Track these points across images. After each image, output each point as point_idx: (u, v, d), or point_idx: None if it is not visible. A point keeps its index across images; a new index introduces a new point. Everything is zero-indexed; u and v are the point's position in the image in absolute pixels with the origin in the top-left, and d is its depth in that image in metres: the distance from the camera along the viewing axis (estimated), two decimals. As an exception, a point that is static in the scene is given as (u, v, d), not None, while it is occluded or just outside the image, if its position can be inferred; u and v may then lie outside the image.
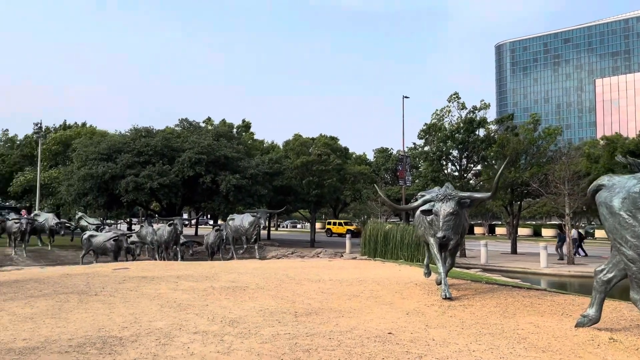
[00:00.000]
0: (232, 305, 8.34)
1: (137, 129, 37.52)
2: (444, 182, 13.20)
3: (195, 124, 41.77)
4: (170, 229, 22.26)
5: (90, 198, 33.33)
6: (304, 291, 9.96)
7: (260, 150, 46.19)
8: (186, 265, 14.60)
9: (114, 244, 22.34)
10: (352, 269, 14.61)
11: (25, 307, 7.60)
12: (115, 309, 7.75)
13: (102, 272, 11.98)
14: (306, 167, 39.58)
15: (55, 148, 46.75)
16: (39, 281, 10.12)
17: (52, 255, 29.19)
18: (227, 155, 35.30)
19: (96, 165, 32.78)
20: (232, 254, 23.15)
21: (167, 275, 11.66)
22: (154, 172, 32.34)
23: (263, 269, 13.76)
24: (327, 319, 7.50)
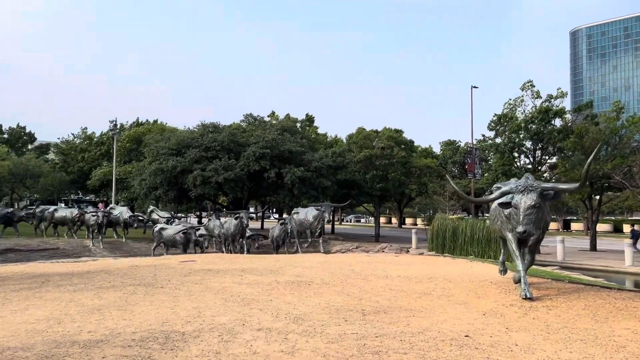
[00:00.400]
0: (297, 300, 8.04)
1: (205, 124, 38.35)
2: (516, 175, 12.37)
3: (260, 119, 42.19)
4: (236, 222, 22.44)
5: (160, 192, 34.43)
6: (371, 288, 9.52)
7: (323, 144, 46.02)
8: (251, 258, 14.54)
9: (183, 236, 22.85)
10: (420, 265, 14.00)
11: (94, 299, 7.66)
12: (180, 302, 7.66)
13: (169, 264, 12.09)
14: (370, 160, 38.98)
15: (129, 145, 48.78)
16: (109, 272, 10.31)
17: (126, 247, 30.32)
18: (291, 149, 35.36)
19: (166, 160, 33.78)
20: (297, 247, 23.03)
21: (232, 268, 11.59)
22: (220, 166, 32.91)
23: (328, 263, 13.44)
24: (397, 319, 7.03)
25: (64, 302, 7.38)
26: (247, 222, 22.08)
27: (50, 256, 26.98)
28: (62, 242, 28.88)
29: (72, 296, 7.79)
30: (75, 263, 13.04)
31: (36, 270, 10.73)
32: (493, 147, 37.81)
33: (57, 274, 10.05)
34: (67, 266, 11.63)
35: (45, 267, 11.58)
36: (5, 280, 9.23)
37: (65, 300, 7.49)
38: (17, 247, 26.34)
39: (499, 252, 21.74)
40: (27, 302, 7.38)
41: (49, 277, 9.54)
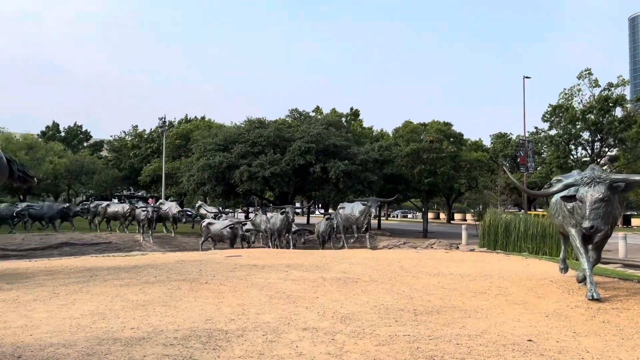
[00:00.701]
0: (344, 299, 7.70)
1: (251, 120, 38.55)
2: (572, 168, 11.58)
3: (305, 113, 42.04)
4: (282, 217, 22.34)
5: (208, 187, 34.84)
6: (422, 286, 9.06)
7: (369, 138, 45.42)
8: (297, 253, 14.31)
9: (230, 231, 22.96)
10: (473, 262, 13.38)
11: (139, 294, 7.57)
12: (224, 298, 7.47)
13: (215, 259, 12.01)
14: (417, 154, 38.10)
15: (178, 142, 49.76)
16: (155, 267, 10.29)
17: (175, 241, 30.83)
18: (336, 144, 35.01)
19: (213, 155, 34.14)
20: (343, 243, 22.71)
21: (277, 264, 11.38)
22: (266, 161, 32.97)
23: (375, 259, 13.03)
24: (452, 320, 6.57)
25: (109, 297, 7.33)
26: (292, 217, 21.93)
27: (103, 250, 27.79)
28: (115, 236, 29.69)
29: (118, 291, 7.74)
30: (123, 257, 13.19)
31: (86, 264, 10.85)
32: (547, 140, 36.27)
33: (105, 268, 10.11)
34: (116, 260, 11.74)
35: (94, 261, 11.72)
36: (55, 274, 9.33)
37: (111, 295, 7.44)
38: (73, 241, 27.23)
39: (554, 249, 20.77)
40: (75, 296, 7.37)
41: (97, 272, 9.59)
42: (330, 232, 24.12)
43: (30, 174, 10.17)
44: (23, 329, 5.66)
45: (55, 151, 53.82)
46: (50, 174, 48.93)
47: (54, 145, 55.90)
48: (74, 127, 77.52)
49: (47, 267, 10.33)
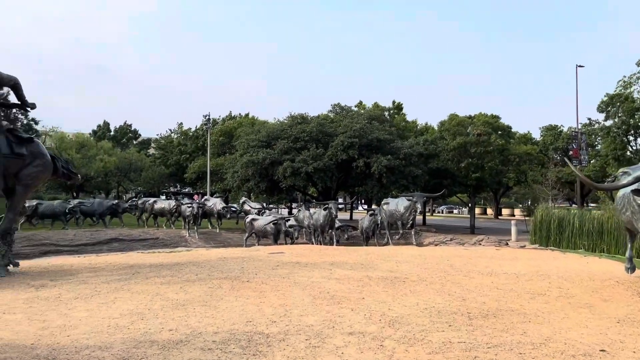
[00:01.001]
0: (392, 300, 7.26)
1: (293, 116, 38.43)
2: (631, 161, 10.67)
3: (347, 108, 41.58)
4: (325, 213, 22.02)
5: (252, 183, 34.97)
6: (475, 286, 8.51)
7: (413, 132, 44.53)
8: (341, 250, 13.93)
9: (274, 227, 22.84)
10: (527, 260, 12.64)
11: (180, 292, 7.38)
12: (266, 298, 7.17)
13: (257, 256, 11.79)
14: (464, 148, 37.06)
15: (222, 139, 50.28)
16: (197, 264, 10.14)
17: (220, 237, 31.07)
18: (379, 138, 34.44)
19: (256, 152, 34.21)
20: (388, 239, 22.17)
21: (321, 261, 11.03)
22: (309, 156, 32.77)
23: (423, 257, 12.49)
24: (510, 324, 6.04)
25: (150, 296, 7.16)
26: (335, 212, 21.56)
27: (150, 245, 28.26)
28: (161, 232, 30.16)
29: (159, 289, 7.58)
30: (167, 254, 13.18)
31: (129, 261, 10.84)
32: (603, 131, 34.42)
33: (148, 265, 10.04)
34: (159, 257, 11.70)
35: (138, 257, 11.72)
36: (98, 271, 9.31)
37: (151, 294, 7.28)
38: (121, 237, 27.81)
39: (613, 246, 19.56)
40: (115, 294, 7.24)
41: (140, 269, 9.52)
42: (374, 229, 23.62)
43: (74, 171, 10.22)
44: (61, 329, 5.52)
45: (105, 149, 55.51)
46: (100, 172, 50.49)
47: (103, 144, 57.68)
48: (124, 126, 79.83)
49: (91, 263, 10.37)
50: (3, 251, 8.55)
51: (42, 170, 9.27)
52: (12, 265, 8.87)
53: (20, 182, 8.99)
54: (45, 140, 57.75)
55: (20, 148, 8.86)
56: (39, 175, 9.28)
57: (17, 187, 9.00)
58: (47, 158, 9.45)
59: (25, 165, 9.01)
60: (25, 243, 23.86)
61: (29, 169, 9.06)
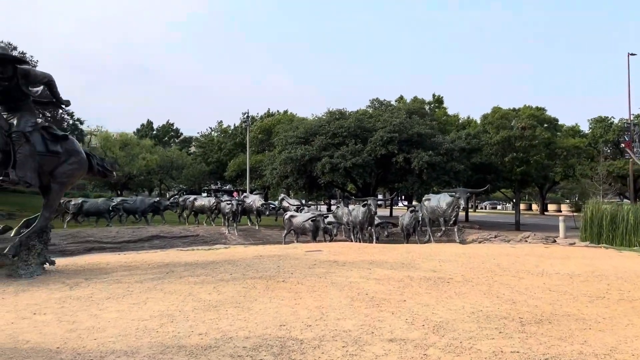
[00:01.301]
0: (435, 302, 6.79)
1: (331, 111, 38.04)
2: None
3: (386, 103, 40.86)
4: (364, 209, 21.58)
5: (290, 180, 34.82)
6: (525, 288, 7.91)
7: (455, 126, 43.39)
8: (380, 248, 13.46)
9: (312, 224, 22.57)
10: (579, 259, 11.85)
11: (213, 293, 7.12)
12: (302, 299, 6.83)
13: (294, 254, 11.47)
14: (508, 142, 35.72)
15: (261, 136, 50.44)
16: (232, 263, 9.89)
17: (259, 234, 31.07)
18: (420, 133, 33.65)
19: (295, 148, 34.03)
20: (429, 236, 21.54)
21: (359, 260, 10.62)
22: (347, 152, 32.35)
23: (467, 255, 11.89)
24: (568, 332, 5.48)
25: (182, 296, 6.94)
26: (375, 209, 21.07)
27: (190, 243, 28.51)
28: (202, 229, 30.40)
29: (192, 289, 7.35)
30: (204, 252, 13.06)
31: (164, 259, 10.72)
32: (658, 122, 32.51)
33: (182, 264, 9.87)
34: (195, 255, 11.55)
35: (174, 255, 11.61)
36: (133, 270, 9.20)
37: (184, 294, 7.05)
38: (162, 234, 28.15)
39: (673, 243, 18.35)
40: (148, 294, 7.06)
41: (174, 267, 9.35)
42: (415, 225, 23.02)
43: (109, 168, 10.17)
44: (89, 331, 5.34)
45: (147, 148, 56.61)
46: (143, 170, 51.49)
47: (145, 142, 58.82)
48: (166, 125, 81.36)
49: (127, 262, 10.29)
50: (39, 249, 8.55)
51: (77, 167, 9.23)
52: (49, 264, 8.87)
53: (56, 180, 8.97)
54: (91, 139, 59.47)
55: (55, 146, 8.83)
56: (74, 173, 9.25)
57: (52, 185, 8.98)
58: (82, 155, 9.41)
59: (60, 163, 8.97)
60: (70, 240, 24.45)
61: (64, 167, 9.02)
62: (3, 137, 8.12)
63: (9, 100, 8.57)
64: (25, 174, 8.15)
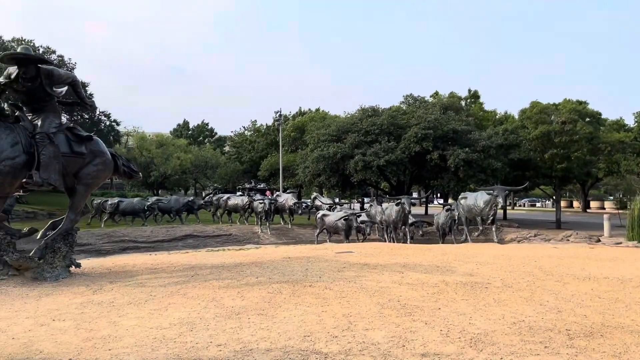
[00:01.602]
0: (472, 311, 6.30)
1: (364, 108, 37.49)
2: None
3: (420, 99, 40.00)
4: (398, 208, 21.04)
5: (323, 178, 34.49)
6: (572, 294, 7.32)
7: (492, 121, 42.17)
8: (414, 249, 12.96)
9: (345, 223, 22.18)
10: (630, 262, 11.06)
11: (236, 298, 6.83)
12: (329, 306, 6.45)
13: (323, 256, 11.10)
14: (548, 137, 34.43)
15: (294, 135, 50.32)
16: (259, 265, 9.60)
17: (292, 232, 30.87)
18: (455, 129, 32.78)
19: (327, 146, 33.69)
20: (466, 235, 20.82)
21: (391, 263, 10.16)
22: (380, 149, 31.81)
23: (507, 258, 11.27)
24: (623, 347, 4.92)
25: (205, 302, 6.67)
26: (409, 208, 20.50)
27: (223, 242, 28.54)
28: (235, 228, 30.41)
29: (215, 294, 7.08)
30: (233, 252, 12.85)
31: (191, 261, 10.52)
32: None
33: (209, 266, 9.63)
34: (223, 256, 11.32)
35: (202, 257, 11.41)
36: (158, 273, 9.02)
37: (207, 299, 6.78)
38: (196, 233, 28.28)
39: None
40: (170, 299, 6.82)
41: (200, 270, 9.12)
42: (451, 225, 22.33)
43: (134, 169, 10.03)
44: (105, 340, 5.10)
45: (181, 147, 57.37)
46: (178, 169, 52.20)
47: (180, 142, 59.62)
48: (201, 124, 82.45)
49: (153, 264, 10.13)
50: (64, 252, 8.46)
51: (102, 169, 9.12)
52: (74, 266, 8.78)
53: (81, 182, 8.87)
54: (128, 140, 60.73)
55: (79, 147, 8.73)
56: (99, 174, 9.13)
57: (77, 187, 8.89)
58: (107, 156, 9.29)
59: (85, 164, 8.87)
60: (106, 240, 24.80)
61: (89, 168, 8.92)
62: (27, 139, 8.04)
63: (33, 101, 8.51)
64: (50, 175, 8.05)
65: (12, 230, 8.38)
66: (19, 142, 7.93)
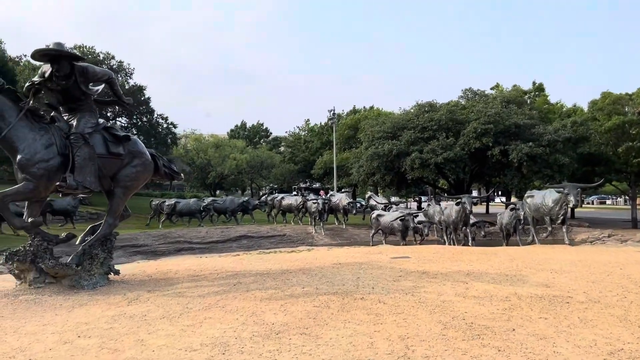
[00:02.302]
0: (555, 333, 5.28)
1: (420, 104, 36.14)
2: None
3: (479, 92, 38.12)
4: (458, 208, 19.80)
5: (377, 177, 33.52)
6: (676, 313, 6.12)
7: (558, 114, 39.65)
8: (478, 254, 11.83)
9: (401, 223, 21.20)
10: None
11: (279, 313, 6.11)
12: (382, 325, 5.61)
13: (377, 262, 10.22)
14: (621, 129, 31.86)
15: (347, 133, 49.55)
16: (307, 273, 8.84)
17: (346, 233, 30.13)
18: (518, 123, 30.93)
19: (382, 144, 32.68)
20: (533, 237, 19.27)
21: (453, 270, 9.15)
22: (438, 146, 30.48)
23: (585, 264, 9.97)
24: None
25: (243, 316, 5.99)
26: (470, 207, 19.20)
27: (277, 242, 28.18)
28: (289, 228, 30.01)
29: (256, 308, 6.39)
30: (282, 256, 12.20)
31: (235, 267, 9.90)
32: None
33: (253, 274, 8.97)
34: (269, 262, 10.65)
35: (247, 263, 10.78)
36: (200, 281, 8.45)
37: (246, 314, 6.10)
38: (250, 234, 28.07)
39: None
40: (206, 313, 6.19)
41: (243, 278, 8.48)
42: (515, 225, 20.81)
43: (176, 170, 9.54)
44: (126, 364, 4.52)
45: (237, 148, 57.82)
46: (234, 170, 52.57)
47: (236, 143, 60.12)
48: (256, 125, 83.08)
49: (196, 270, 9.59)
50: (102, 258, 8.05)
51: (141, 170, 8.67)
52: (113, 273, 8.37)
53: (119, 184, 8.46)
54: (186, 142, 61.91)
55: (116, 147, 8.31)
56: (139, 176, 8.69)
57: (115, 190, 8.48)
58: (146, 157, 8.83)
59: (123, 166, 8.45)
60: (162, 241, 24.95)
61: (128, 170, 8.49)
62: (62, 140, 7.69)
63: (68, 100, 8.17)
64: (85, 178, 7.67)
65: (50, 236, 8.06)
66: (54, 144, 7.59)
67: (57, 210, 28.66)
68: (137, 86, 37.88)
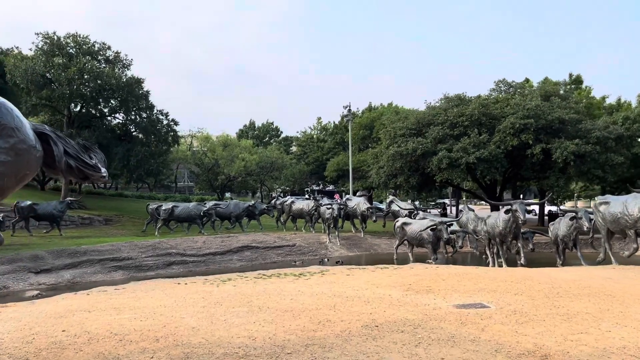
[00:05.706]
0: None
1: (449, 97, 32.15)
2: None
3: (515, 85, 34.05)
4: (506, 217, 15.95)
5: (401, 179, 29.70)
6: None
7: (600, 109, 35.51)
8: (587, 297, 7.87)
9: (432, 234, 17.41)
10: None
11: None
12: None
13: (437, 316, 6.28)
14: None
15: (362, 132, 45.95)
16: (321, 349, 5.06)
17: (365, 243, 26.55)
18: (562, 118, 26.95)
19: (405, 142, 28.88)
20: (607, 253, 15.33)
21: (583, 340, 5.31)
22: (469, 144, 26.62)
23: None
24: None
25: None
26: (523, 217, 15.31)
27: (285, 254, 24.41)
28: (299, 237, 26.31)
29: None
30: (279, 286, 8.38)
31: (198, 326, 5.98)
32: None
33: (216, 357, 5.21)
34: (253, 313, 6.81)
35: (220, 313, 6.99)
36: None
37: None
38: (254, 244, 24.35)
39: None
40: None
41: None
42: (575, 238, 16.89)
43: (93, 164, 5.50)
44: None
45: (246, 148, 54.27)
46: (242, 171, 48.99)
47: (244, 143, 56.65)
48: (266, 124, 79.61)
49: (119, 336, 5.80)
50: None
51: (11, 160, 4.51)
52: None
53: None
54: (192, 141, 58.54)
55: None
56: (4, 170, 4.58)
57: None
58: (22, 136, 4.60)
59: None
60: (150, 253, 21.27)
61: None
62: None
63: None
64: None
65: None
66: None
67: (41, 215, 25.41)
68: (134, 78, 34.37)
